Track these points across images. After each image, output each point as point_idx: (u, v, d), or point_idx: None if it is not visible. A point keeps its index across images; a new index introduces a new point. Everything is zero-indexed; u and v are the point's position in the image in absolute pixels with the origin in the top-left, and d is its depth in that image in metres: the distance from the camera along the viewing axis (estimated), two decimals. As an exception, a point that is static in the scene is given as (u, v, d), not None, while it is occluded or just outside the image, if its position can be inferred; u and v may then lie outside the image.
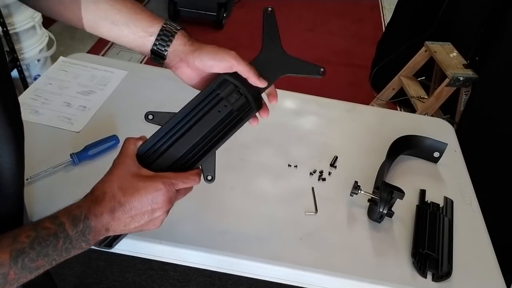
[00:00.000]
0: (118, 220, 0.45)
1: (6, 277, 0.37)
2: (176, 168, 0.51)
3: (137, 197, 0.45)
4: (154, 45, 0.52)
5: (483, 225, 0.81)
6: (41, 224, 0.41)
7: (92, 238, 0.44)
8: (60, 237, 0.41)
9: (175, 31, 0.52)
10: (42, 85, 0.98)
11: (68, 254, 0.42)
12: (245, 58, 0.55)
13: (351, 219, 0.78)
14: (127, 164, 0.48)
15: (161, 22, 0.52)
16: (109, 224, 0.45)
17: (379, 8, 3.17)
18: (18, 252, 0.38)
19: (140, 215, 0.46)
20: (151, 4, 2.94)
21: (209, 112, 0.51)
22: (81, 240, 0.43)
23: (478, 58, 1.59)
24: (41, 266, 0.40)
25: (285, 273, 0.70)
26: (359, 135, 0.99)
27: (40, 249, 0.39)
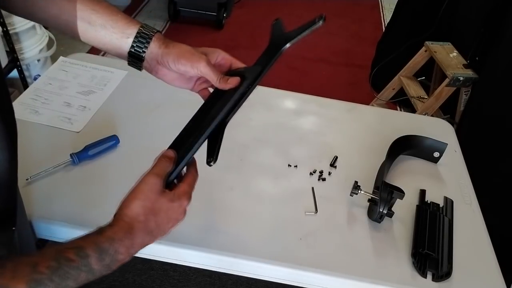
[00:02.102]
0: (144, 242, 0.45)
1: None
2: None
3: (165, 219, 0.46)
4: (131, 47, 0.51)
5: (483, 225, 0.81)
6: (64, 254, 0.39)
7: (115, 267, 0.43)
8: (83, 270, 0.39)
9: (152, 34, 0.51)
10: (42, 85, 0.98)
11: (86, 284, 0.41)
12: (245, 59, 0.55)
13: (351, 219, 0.78)
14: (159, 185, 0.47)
15: (138, 24, 0.52)
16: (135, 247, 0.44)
17: (379, 8, 3.17)
18: (36, 283, 0.36)
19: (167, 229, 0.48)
20: (151, 4, 2.94)
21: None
22: (105, 271, 0.41)
23: (478, 58, 1.59)
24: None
25: (285, 273, 0.70)
26: (359, 135, 0.98)
27: (60, 281, 0.37)
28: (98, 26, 0.50)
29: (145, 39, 0.51)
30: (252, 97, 1.26)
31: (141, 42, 0.51)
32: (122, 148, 0.83)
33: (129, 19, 0.52)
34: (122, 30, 0.50)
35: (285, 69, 2.42)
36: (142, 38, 0.51)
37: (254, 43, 2.63)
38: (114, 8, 0.52)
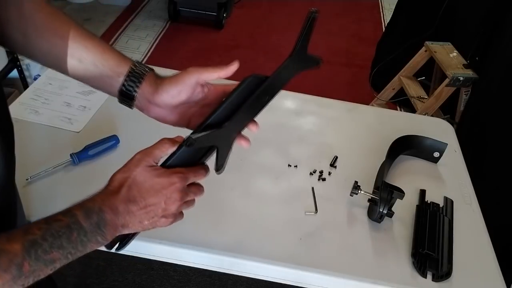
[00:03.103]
0: (133, 214, 0.45)
1: (21, 268, 0.36)
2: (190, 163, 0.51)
3: (151, 192, 0.45)
4: (122, 86, 0.50)
5: (483, 225, 0.81)
6: (53, 217, 0.41)
7: (109, 233, 0.43)
8: (73, 228, 0.40)
9: (144, 73, 0.50)
10: (42, 85, 0.98)
11: (84, 247, 0.42)
12: (245, 58, 0.55)
13: (351, 219, 0.78)
14: (146, 160, 0.47)
15: (129, 62, 0.50)
16: (125, 220, 0.44)
17: (379, 8, 3.17)
18: (30, 243, 0.37)
19: (154, 210, 0.46)
20: (151, 4, 2.94)
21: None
22: (97, 233, 0.42)
23: (478, 58, 1.59)
24: (56, 259, 0.39)
25: (285, 273, 0.70)
26: (359, 135, 0.99)
27: (53, 241, 0.39)
28: (88, 64, 0.49)
29: (137, 78, 0.50)
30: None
31: (132, 81, 0.50)
32: (122, 148, 0.83)
33: (121, 57, 0.51)
34: (113, 68, 0.49)
35: (285, 69, 2.42)
36: (134, 77, 0.50)
37: (254, 43, 2.63)
38: (106, 45, 0.50)
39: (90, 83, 0.51)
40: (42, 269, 0.39)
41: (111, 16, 2.72)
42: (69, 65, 0.49)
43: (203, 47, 2.53)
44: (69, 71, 0.50)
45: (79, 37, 0.49)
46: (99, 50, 0.49)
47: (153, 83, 0.50)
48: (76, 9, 2.75)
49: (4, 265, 0.35)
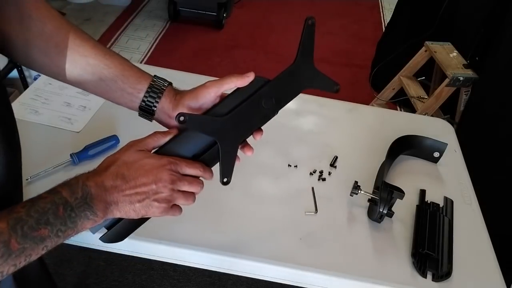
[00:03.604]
0: (122, 193, 0.44)
1: (8, 245, 0.36)
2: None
3: (141, 171, 0.45)
4: (142, 102, 0.51)
5: (483, 225, 0.81)
6: (38, 196, 0.41)
7: (98, 208, 0.43)
8: (59, 203, 0.40)
9: (163, 88, 0.52)
10: (42, 85, 0.98)
11: (74, 224, 0.41)
12: (245, 58, 0.55)
13: (351, 219, 0.78)
14: (137, 146, 0.48)
15: (149, 79, 0.52)
16: (113, 197, 0.44)
17: (379, 8, 3.17)
18: (15, 220, 0.37)
19: (145, 191, 0.45)
20: (151, 4, 2.94)
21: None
22: (85, 208, 0.42)
23: (478, 58, 1.59)
24: (46, 237, 0.39)
25: (285, 273, 0.70)
26: (359, 135, 0.99)
27: (39, 217, 0.38)
28: (109, 81, 0.50)
29: (156, 94, 0.51)
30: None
31: (152, 97, 0.51)
32: (122, 148, 0.83)
33: (141, 73, 0.52)
34: (133, 85, 0.51)
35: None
36: (153, 93, 0.51)
37: (254, 43, 2.63)
38: (126, 62, 0.52)
39: (111, 99, 0.53)
40: (33, 248, 0.38)
41: (111, 16, 2.72)
42: (91, 83, 0.51)
43: (203, 47, 2.53)
44: (91, 88, 0.52)
45: (100, 56, 0.50)
46: (119, 67, 0.51)
47: (172, 99, 0.52)
48: (76, 9, 2.75)
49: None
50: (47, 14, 0.48)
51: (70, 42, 0.49)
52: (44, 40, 0.48)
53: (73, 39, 0.49)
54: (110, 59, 0.51)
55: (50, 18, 0.49)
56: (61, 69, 0.50)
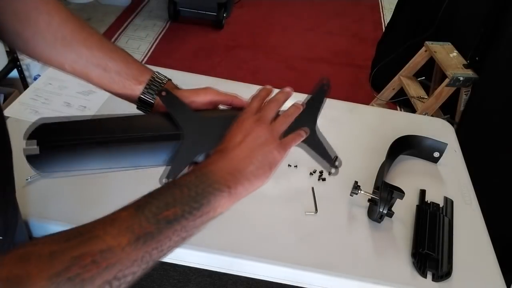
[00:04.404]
0: (232, 158, 0.43)
1: (134, 230, 0.34)
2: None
3: (229, 136, 0.45)
4: (142, 93, 0.53)
5: (483, 225, 0.81)
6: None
7: (224, 181, 0.41)
8: (180, 185, 0.39)
9: (164, 82, 0.53)
10: (42, 85, 0.98)
11: (206, 199, 0.39)
12: (245, 58, 0.55)
13: (351, 219, 0.78)
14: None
15: (150, 72, 0.54)
16: (227, 166, 0.42)
17: (379, 8, 3.17)
18: (136, 207, 0.36)
19: (249, 146, 0.44)
20: (151, 3, 2.94)
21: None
22: (210, 183, 0.40)
23: (478, 58, 1.59)
24: (172, 219, 0.36)
25: (285, 273, 0.70)
26: (359, 135, 0.98)
27: (164, 198, 0.37)
28: (113, 73, 0.52)
29: (156, 87, 0.53)
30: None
31: (152, 89, 0.53)
32: (122, 148, 0.83)
33: (143, 67, 0.54)
34: (136, 77, 0.52)
35: (285, 69, 2.42)
36: (153, 86, 0.53)
37: (254, 43, 2.63)
38: (129, 56, 0.54)
39: (112, 90, 0.54)
40: (162, 233, 0.36)
41: (111, 16, 2.72)
42: (95, 74, 0.52)
43: (203, 47, 2.53)
44: (94, 79, 0.53)
45: (105, 48, 0.52)
46: (123, 60, 0.52)
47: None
48: (76, 9, 2.75)
49: (115, 230, 0.34)
50: (53, 6, 0.49)
51: (77, 35, 0.50)
52: (52, 33, 0.49)
53: (80, 31, 0.51)
54: (115, 52, 0.52)
55: (57, 11, 0.49)
56: (67, 61, 0.51)
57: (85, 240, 0.32)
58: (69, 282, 0.29)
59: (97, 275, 0.31)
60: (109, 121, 0.50)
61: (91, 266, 0.31)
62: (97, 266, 0.31)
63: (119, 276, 0.32)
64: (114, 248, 0.33)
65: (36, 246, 0.30)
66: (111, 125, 0.49)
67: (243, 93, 0.53)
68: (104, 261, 0.31)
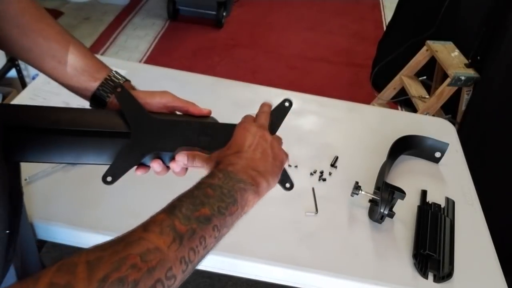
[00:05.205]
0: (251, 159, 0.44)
1: (175, 228, 0.35)
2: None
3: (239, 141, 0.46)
4: (97, 90, 0.51)
5: (484, 226, 0.81)
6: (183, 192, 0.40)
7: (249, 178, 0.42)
8: (204, 187, 0.40)
9: (120, 81, 0.52)
10: (41, 85, 0.97)
11: (232, 198, 0.40)
12: (245, 58, 0.54)
13: (351, 219, 0.78)
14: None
15: (108, 70, 0.52)
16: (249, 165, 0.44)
17: (380, 7, 3.17)
18: (170, 208, 0.37)
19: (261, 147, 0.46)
20: (150, 3, 2.93)
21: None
22: (235, 182, 0.41)
23: (480, 58, 1.59)
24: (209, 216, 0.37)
25: (285, 274, 0.69)
26: (360, 135, 0.98)
27: (191, 201, 0.38)
28: (68, 67, 0.50)
29: (112, 85, 0.51)
30: (252, 97, 1.26)
31: (107, 87, 0.51)
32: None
33: (102, 65, 0.52)
34: (92, 73, 0.51)
35: (285, 68, 2.41)
36: (109, 84, 0.51)
37: (254, 42, 2.63)
38: (88, 52, 0.52)
39: (66, 85, 0.52)
40: (202, 229, 0.36)
41: (109, 15, 2.71)
42: (49, 65, 0.51)
43: (203, 46, 2.52)
44: (48, 70, 0.51)
45: (63, 41, 0.50)
46: (81, 55, 0.51)
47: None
48: (74, 8, 2.74)
49: (157, 229, 0.34)
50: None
51: (34, 25, 0.49)
52: (7, 21, 0.48)
53: (38, 22, 0.50)
54: (73, 46, 0.51)
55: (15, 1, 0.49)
56: (22, 49, 0.50)
57: (129, 242, 0.32)
58: (120, 283, 0.29)
59: (147, 275, 0.30)
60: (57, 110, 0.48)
61: (141, 265, 0.30)
62: (146, 264, 0.31)
63: (169, 276, 0.32)
64: (160, 247, 0.33)
65: (80, 255, 0.30)
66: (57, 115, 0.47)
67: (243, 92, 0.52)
68: (153, 260, 0.31)
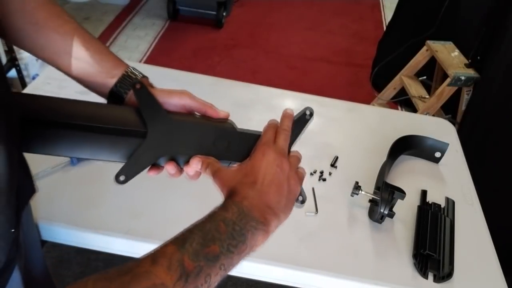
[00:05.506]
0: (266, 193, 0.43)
1: (183, 264, 0.34)
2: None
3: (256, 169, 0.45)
4: (114, 86, 0.50)
5: (484, 226, 0.81)
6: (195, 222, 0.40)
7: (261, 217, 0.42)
8: (218, 220, 0.39)
9: (138, 77, 0.51)
10: (41, 85, 0.97)
11: (243, 237, 0.40)
12: (245, 58, 0.54)
13: (351, 219, 0.78)
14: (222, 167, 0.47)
15: (125, 66, 0.51)
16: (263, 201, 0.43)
17: (380, 7, 3.17)
18: (181, 241, 0.36)
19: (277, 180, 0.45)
20: (150, 2, 2.93)
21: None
22: (248, 220, 0.40)
23: (480, 57, 1.59)
24: (218, 253, 0.37)
25: (285, 274, 0.69)
26: (360, 135, 0.98)
27: (203, 235, 0.37)
28: (85, 63, 0.50)
29: (130, 82, 0.50)
30: (252, 97, 1.26)
31: (124, 83, 0.50)
32: (121, 148, 0.82)
33: (118, 61, 0.51)
34: (109, 70, 0.50)
35: (285, 68, 2.41)
36: (126, 80, 0.50)
37: (254, 42, 2.63)
38: (105, 48, 0.51)
39: (83, 81, 0.52)
40: (209, 267, 0.36)
41: (110, 15, 2.71)
42: (65, 62, 0.50)
43: (203, 46, 2.52)
44: (64, 67, 0.50)
45: (79, 37, 0.50)
46: (97, 51, 0.50)
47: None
48: (74, 8, 2.74)
49: (165, 263, 0.34)
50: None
51: (50, 22, 0.49)
52: (24, 17, 0.48)
53: (54, 19, 0.49)
54: (89, 42, 0.50)
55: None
56: (37, 46, 0.49)
57: (137, 275, 0.32)
58: None
59: None
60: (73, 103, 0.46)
61: None
62: None
63: None
64: (166, 283, 0.32)
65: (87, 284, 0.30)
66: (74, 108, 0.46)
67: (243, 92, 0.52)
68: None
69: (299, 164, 0.50)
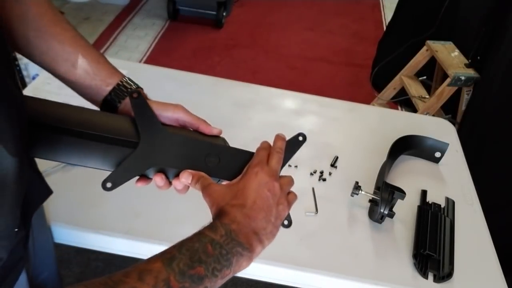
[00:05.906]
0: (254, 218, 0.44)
1: (169, 283, 0.35)
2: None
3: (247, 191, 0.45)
4: (109, 95, 0.51)
5: (484, 226, 0.81)
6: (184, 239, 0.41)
7: (247, 243, 0.42)
8: (206, 242, 0.40)
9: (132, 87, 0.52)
10: (41, 85, 0.97)
11: (228, 261, 0.40)
12: (245, 58, 0.54)
13: (351, 219, 0.78)
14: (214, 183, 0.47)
15: (120, 76, 0.52)
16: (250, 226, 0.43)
17: (380, 7, 3.17)
18: (169, 260, 0.37)
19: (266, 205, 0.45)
20: (150, 2, 2.94)
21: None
22: (234, 245, 0.41)
23: (480, 58, 1.59)
24: (204, 276, 0.38)
25: (285, 274, 0.69)
26: (359, 135, 0.98)
27: (191, 255, 0.38)
28: (81, 71, 0.51)
29: (124, 91, 0.51)
30: (252, 97, 1.26)
31: (119, 93, 0.51)
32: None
33: (114, 70, 0.52)
34: (104, 78, 0.51)
35: (285, 68, 2.41)
36: (121, 90, 0.51)
37: (254, 42, 2.63)
38: (101, 57, 0.53)
39: (78, 88, 0.52)
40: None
41: (109, 15, 2.71)
42: (62, 69, 0.51)
43: (203, 46, 2.52)
44: (61, 74, 0.52)
45: (77, 45, 0.51)
46: (94, 60, 0.51)
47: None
48: (74, 8, 2.74)
49: (151, 282, 0.34)
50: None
51: (51, 29, 0.50)
52: (25, 24, 0.49)
53: (54, 26, 0.50)
54: (87, 51, 0.51)
55: (36, 3, 0.49)
56: (36, 52, 0.50)
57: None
58: None
59: None
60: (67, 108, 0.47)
61: None
62: None
63: None
64: None
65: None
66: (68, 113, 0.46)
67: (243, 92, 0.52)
68: None
69: (290, 188, 0.50)
